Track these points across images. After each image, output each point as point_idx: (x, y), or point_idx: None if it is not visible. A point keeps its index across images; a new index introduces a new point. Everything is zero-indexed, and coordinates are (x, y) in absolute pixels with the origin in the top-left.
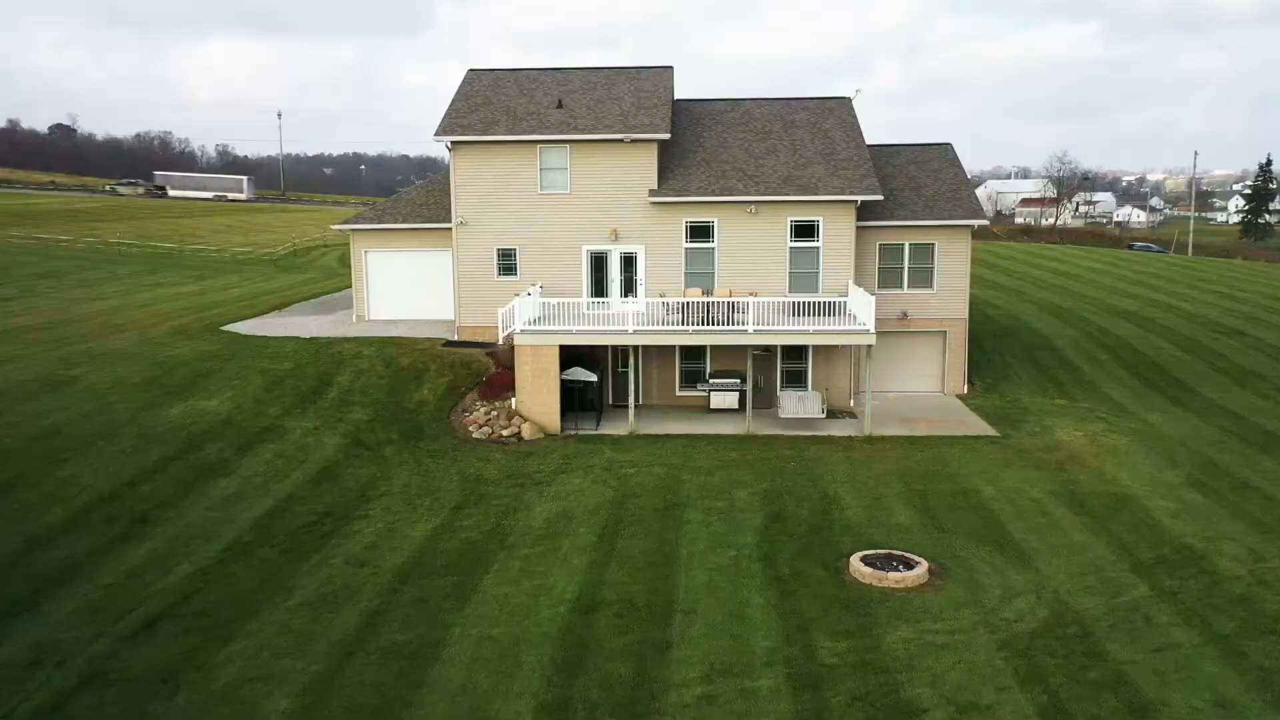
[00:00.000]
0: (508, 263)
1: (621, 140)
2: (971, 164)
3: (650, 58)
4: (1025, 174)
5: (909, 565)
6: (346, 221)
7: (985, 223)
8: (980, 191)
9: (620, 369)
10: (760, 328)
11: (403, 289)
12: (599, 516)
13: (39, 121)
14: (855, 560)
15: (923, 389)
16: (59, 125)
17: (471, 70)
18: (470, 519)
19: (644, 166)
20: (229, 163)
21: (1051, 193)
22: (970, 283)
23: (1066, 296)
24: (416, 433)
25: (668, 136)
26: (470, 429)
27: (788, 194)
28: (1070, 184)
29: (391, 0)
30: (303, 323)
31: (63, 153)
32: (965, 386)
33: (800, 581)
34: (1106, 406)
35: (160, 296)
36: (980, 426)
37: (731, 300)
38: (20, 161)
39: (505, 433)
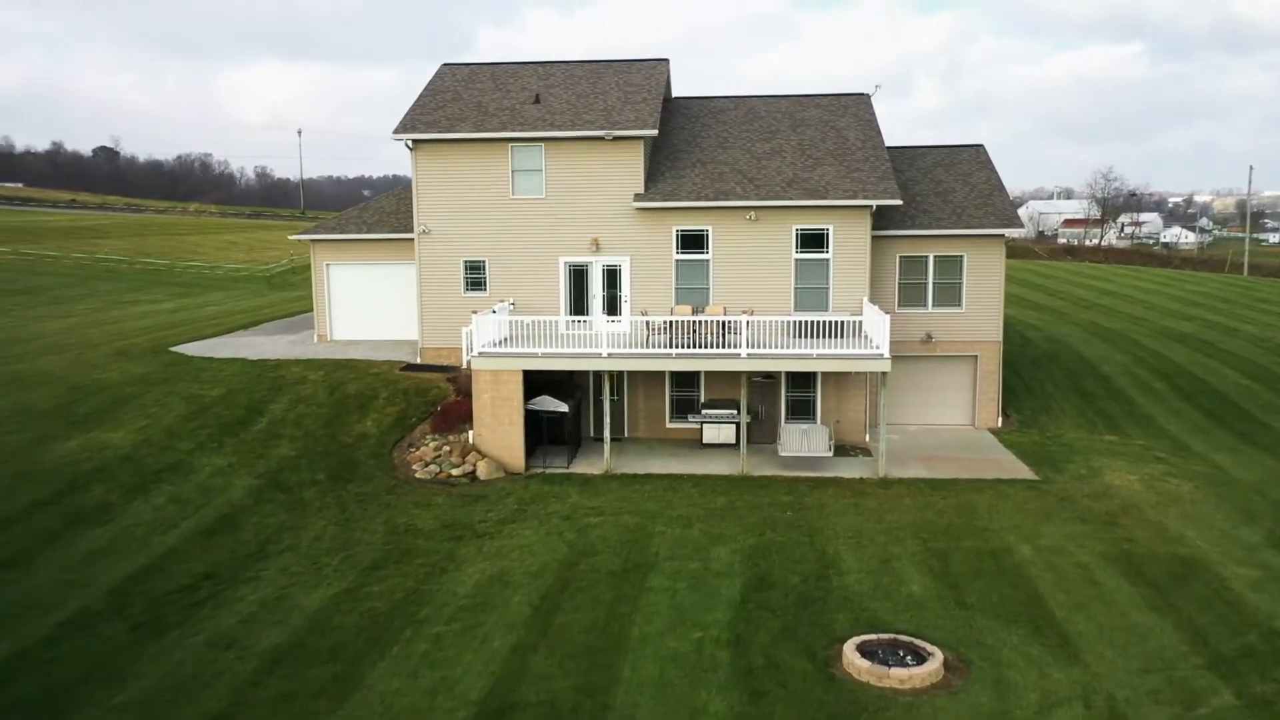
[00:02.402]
0: (476, 277)
1: (603, 138)
2: (1012, 184)
3: (683, 76)
4: (1068, 194)
5: (919, 657)
6: (306, 231)
7: (1022, 231)
8: (1021, 212)
9: (610, 396)
10: (755, 351)
11: (368, 306)
12: (541, 581)
13: (84, 144)
14: (850, 649)
15: (950, 421)
16: (102, 148)
17: (445, 65)
18: (383, 583)
19: (629, 168)
20: (268, 184)
21: (1095, 213)
22: (1005, 301)
23: (1114, 318)
24: (348, 472)
25: (654, 133)
26: (414, 467)
27: (792, 198)
28: (1115, 203)
29: (433, 26)
30: (259, 343)
31: (105, 175)
32: (999, 419)
33: (777, 677)
34: (1165, 444)
35: (129, 314)
36: (1015, 467)
37: (723, 319)
38: (64, 183)
39: (456, 472)
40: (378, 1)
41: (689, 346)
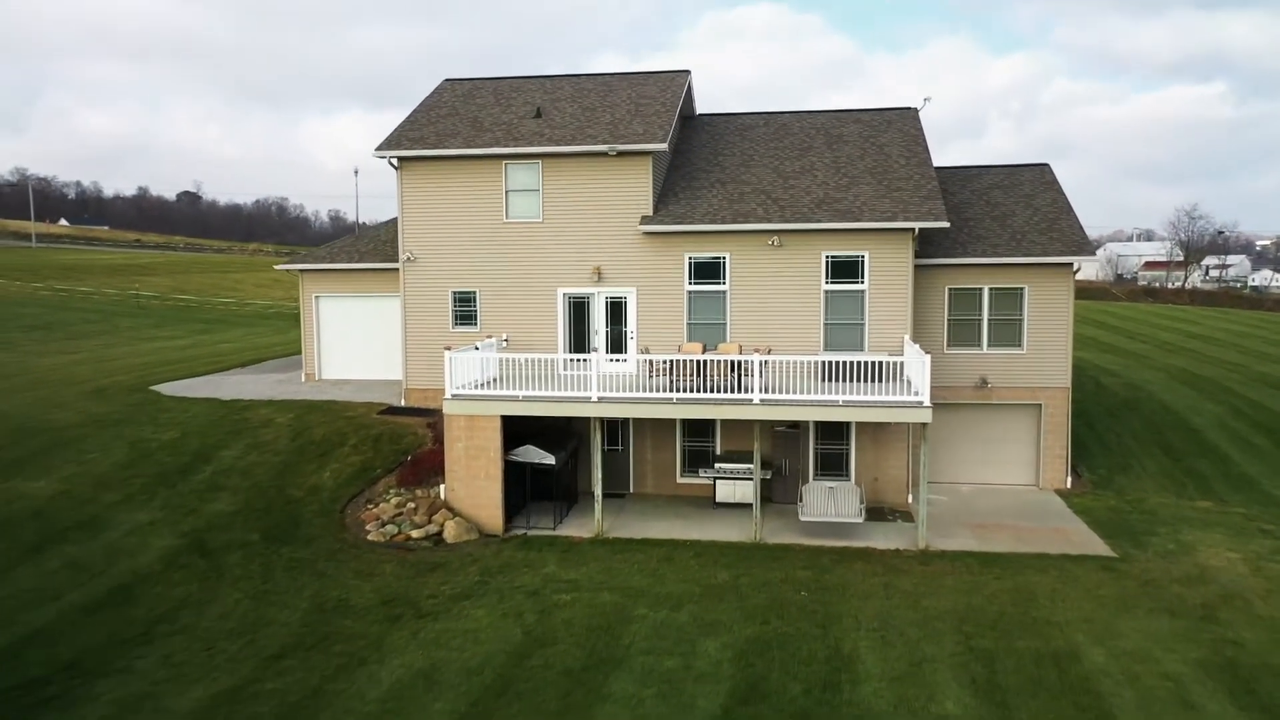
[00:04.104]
0: (466, 309)
1: (606, 153)
2: (1090, 226)
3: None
4: (1148, 236)
5: None
6: (294, 261)
7: (1095, 264)
8: (1099, 254)
9: (609, 446)
10: (770, 396)
11: (359, 342)
12: (478, 680)
13: (170, 189)
14: None
15: (1009, 480)
16: (185, 192)
17: (447, 80)
18: (281, 679)
19: (635, 187)
20: (341, 227)
21: (1178, 255)
22: (1076, 342)
23: (1204, 363)
24: (288, 532)
25: (663, 147)
26: (367, 527)
27: (821, 220)
28: (1199, 245)
29: (512, 72)
30: (245, 381)
31: (186, 218)
32: (1068, 479)
33: None
34: (1272, 512)
35: (136, 351)
36: (1086, 539)
37: (732, 359)
38: (148, 225)
39: (416, 533)
40: (455, 52)
41: (695, 390)
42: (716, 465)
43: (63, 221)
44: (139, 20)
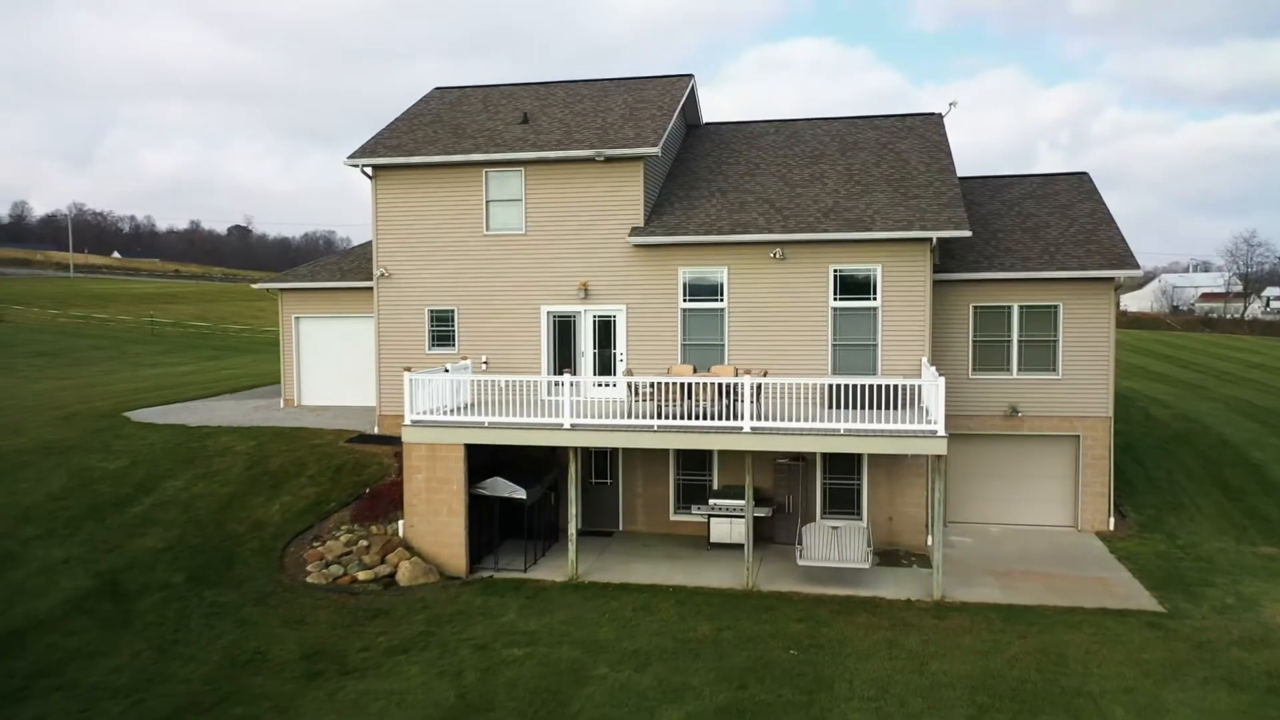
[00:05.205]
0: (443, 329)
1: (593, 159)
2: (1144, 256)
3: None
4: (1205, 267)
5: None
6: (273, 280)
7: (1136, 274)
8: (1153, 285)
9: (596, 480)
10: (762, 424)
11: (341, 365)
12: None
13: (221, 223)
14: None
15: (1044, 521)
16: (236, 226)
17: (437, 88)
18: None
19: (626, 196)
20: None
21: (1236, 286)
22: (1123, 370)
23: (1266, 394)
24: (218, 572)
25: (655, 151)
26: (309, 567)
27: (828, 230)
28: (1259, 274)
29: None
30: (220, 408)
31: (235, 250)
32: (1110, 520)
33: None
34: None
35: (136, 377)
36: (1129, 591)
37: (724, 382)
38: (198, 258)
39: (364, 575)
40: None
41: (684, 416)
42: (711, 501)
43: (115, 254)
44: (201, 61)
